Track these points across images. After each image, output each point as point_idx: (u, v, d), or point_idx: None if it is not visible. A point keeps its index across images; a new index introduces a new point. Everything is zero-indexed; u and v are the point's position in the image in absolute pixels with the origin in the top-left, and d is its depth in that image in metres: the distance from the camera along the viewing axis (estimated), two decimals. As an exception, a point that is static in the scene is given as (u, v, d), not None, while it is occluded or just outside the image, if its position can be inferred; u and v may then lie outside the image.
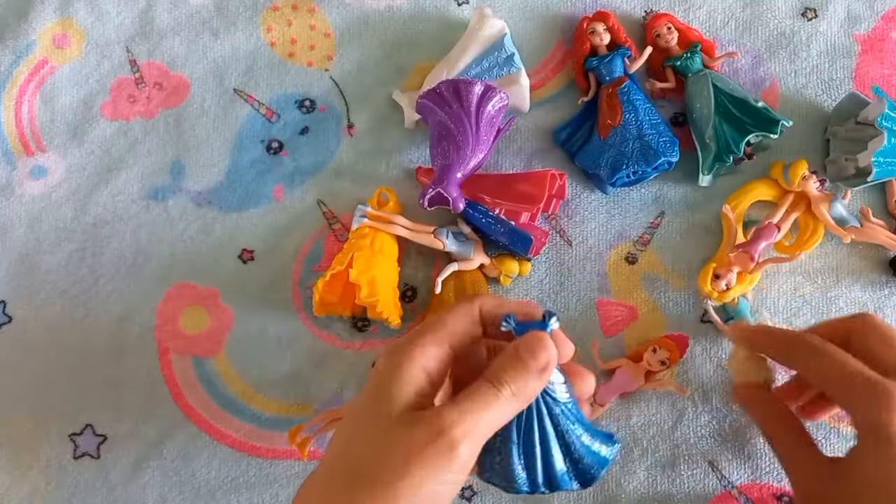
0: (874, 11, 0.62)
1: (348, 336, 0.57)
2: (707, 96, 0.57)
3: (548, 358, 0.35)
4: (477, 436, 0.34)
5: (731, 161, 0.56)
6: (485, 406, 0.34)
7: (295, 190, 0.60)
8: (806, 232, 0.57)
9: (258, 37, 0.63)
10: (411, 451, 0.33)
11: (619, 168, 0.55)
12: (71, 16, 0.64)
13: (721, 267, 0.55)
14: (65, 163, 0.61)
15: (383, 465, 0.33)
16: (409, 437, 0.33)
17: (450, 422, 0.33)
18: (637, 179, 0.57)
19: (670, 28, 0.59)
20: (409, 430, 0.34)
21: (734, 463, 0.53)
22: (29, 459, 0.55)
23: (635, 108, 0.57)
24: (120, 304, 0.58)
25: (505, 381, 0.35)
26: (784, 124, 0.55)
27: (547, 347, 0.36)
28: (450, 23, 0.63)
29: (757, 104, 0.56)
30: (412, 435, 0.33)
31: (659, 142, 0.56)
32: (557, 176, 0.56)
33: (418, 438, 0.33)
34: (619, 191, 0.58)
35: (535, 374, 0.35)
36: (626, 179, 0.57)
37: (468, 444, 0.34)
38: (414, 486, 0.33)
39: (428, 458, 0.33)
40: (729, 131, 0.56)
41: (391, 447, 0.34)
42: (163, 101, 0.62)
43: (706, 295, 0.55)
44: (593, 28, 0.59)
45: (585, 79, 0.60)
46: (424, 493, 0.33)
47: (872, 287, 0.56)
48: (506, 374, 0.35)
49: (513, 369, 0.35)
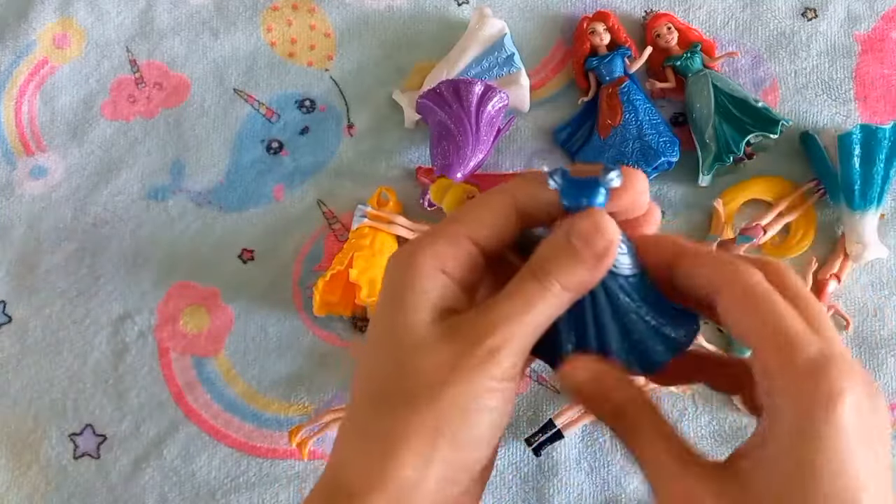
0: (874, 11, 0.62)
1: (348, 336, 0.57)
2: (707, 96, 0.57)
3: (606, 243, 0.27)
4: (521, 342, 0.28)
5: (731, 161, 0.56)
6: (528, 306, 0.28)
7: (295, 190, 0.60)
8: (795, 236, 0.57)
9: (258, 37, 0.63)
10: (442, 366, 0.27)
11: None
12: (71, 16, 0.64)
13: None
14: (65, 163, 0.61)
15: (410, 386, 0.28)
16: (438, 350, 0.28)
17: (486, 328, 0.27)
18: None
19: (670, 28, 0.59)
20: (437, 342, 0.28)
21: (734, 463, 0.53)
22: (29, 459, 0.55)
23: (635, 108, 0.57)
24: (120, 304, 0.58)
25: (552, 273, 0.28)
26: (784, 124, 0.55)
27: (604, 229, 0.27)
28: (450, 23, 0.63)
29: (757, 104, 0.56)
30: (441, 347, 0.28)
31: (659, 142, 0.56)
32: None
33: (449, 350, 0.28)
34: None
35: (591, 263, 0.28)
36: None
37: (510, 353, 0.28)
38: (447, 406, 0.27)
39: (462, 373, 0.27)
40: (729, 131, 0.56)
41: (418, 363, 0.28)
42: (163, 101, 0.62)
43: None
44: (593, 28, 0.59)
45: (585, 79, 0.60)
46: (462, 413, 0.27)
47: (872, 287, 0.56)
48: (553, 265, 0.28)
49: (562, 259, 0.28)
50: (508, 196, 0.30)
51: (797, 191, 0.57)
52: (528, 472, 0.54)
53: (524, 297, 0.28)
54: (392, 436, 0.28)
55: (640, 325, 0.30)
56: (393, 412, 0.28)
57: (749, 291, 0.27)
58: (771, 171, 0.58)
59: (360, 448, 0.29)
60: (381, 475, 0.27)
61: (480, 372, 0.27)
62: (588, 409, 0.31)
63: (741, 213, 0.58)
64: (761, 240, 0.56)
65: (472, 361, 0.27)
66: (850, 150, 0.55)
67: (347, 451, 0.30)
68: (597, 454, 0.54)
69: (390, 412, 0.28)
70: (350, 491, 0.28)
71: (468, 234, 0.30)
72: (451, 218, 0.30)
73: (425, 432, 0.27)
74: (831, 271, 0.55)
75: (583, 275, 0.28)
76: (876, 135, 0.55)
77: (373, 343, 0.31)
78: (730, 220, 0.57)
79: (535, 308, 0.28)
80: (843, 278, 0.56)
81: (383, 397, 0.29)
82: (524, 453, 0.54)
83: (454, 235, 0.30)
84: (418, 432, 0.27)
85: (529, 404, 0.55)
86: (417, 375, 0.28)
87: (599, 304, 0.29)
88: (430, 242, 0.29)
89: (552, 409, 0.55)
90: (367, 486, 0.27)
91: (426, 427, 0.27)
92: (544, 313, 0.28)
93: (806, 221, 0.57)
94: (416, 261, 0.29)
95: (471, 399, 0.28)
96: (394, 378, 0.29)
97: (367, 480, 0.27)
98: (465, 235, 0.30)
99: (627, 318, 0.30)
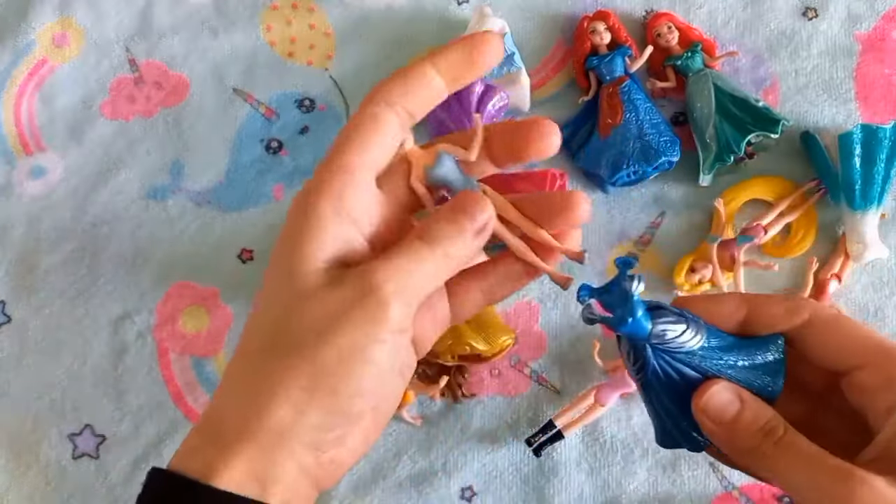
0: (875, 11, 0.61)
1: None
2: (707, 95, 0.57)
3: (485, 219, 0.31)
4: (410, 295, 0.29)
5: (731, 160, 0.56)
6: (418, 262, 0.30)
7: (295, 190, 0.59)
8: (795, 237, 0.57)
9: (258, 36, 0.63)
10: (335, 312, 0.28)
11: (620, 168, 0.55)
12: (70, 15, 0.64)
13: (699, 261, 0.55)
14: (64, 162, 0.61)
15: (295, 333, 0.29)
16: (326, 299, 0.29)
17: (379, 279, 0.28)
18: (637, 179, 0.57)
19: (671, 27, 0.59)
20: (326, 291, 0.29)
21: (735, 463, 0.53)
22: (29, 459, 0.55)
23: (636, 107, 0.57)
24: (120, 304, 0.58)
25: (439, 240, 0.30)
26: (785, 123, 0.55)
27: (484, 209, 0.31)
28: (450, 23, 0.63)
29: (758, 104, 0.56)
30: (330, 296, 0.29)
31: (660, 141, 0.55)
32: (558, 176, 0.56)
33: (338, 300, 0.28)
34: (619, 190, 0.58)
35: (471, 237, 0.30)
36: (626, 179, 0.57)
37: (400, 304, 0.29)
38: (329, 356, 0.28)
39: (355, 319, 0.28)
40: (730, 131, 0.56)
41: (305, 311, 0.29)
42: (162, 100, 0.62)
43: (677, 286, 0.55)
44: (594, 27, 0.59)
45: (586, 78, 0.60)
46: (344, 364, 0.28)
47: (872, 287, 0.56)
48: (441, 233, 0.30)
49: (448, 229, 0.30)
50: (391, 111, 0.31)
51: (798, 190, 0.57)
52: (528, 472, 0.54)
53: (416, 255, 0.30)
54: (269, 383, 0.28)
55: (743, 374, 0.32)
56: (274, 359, 0.29)
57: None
58: (771, 170, 0.58)
59: (238, 393, 0.30)
60: (255, 423, 0.28)
61: (367, 323, 0.28)
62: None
63: (742, 213, 0.58)
64: (762, 240, 0.55)
65: (359, 313, 0.28)
66: (850, 149, 0.55)
67: (226, 396, 0.30)
68: (597, 454, 0.54)
69: (272, 359, 0.29)
70: (224, 439, 0.28)
71: (367, 164, 0.31)
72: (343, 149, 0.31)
73: (303, 381, 0.28)
74: (832, 271, 0.55)
75: (464, 246, 0.30)
76: (876, 134, 0.55)
77: (266, 287, 0.31)
78: (730, 220, 0.57)
79: (424, 266, 0.30)
80: (844, 278, 0.55)
81: (269, 343, 0.29)
82: (524, 454, 0.54)
83: (353, 170, 0.30)
84: (297, 381, 0.28)
85: (529, 404, 0.55)
86: (303, 323, 0.29)
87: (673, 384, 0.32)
88: (328, 181, 0.30)
89: (552, 410, 0.55)
90: (240, 434, 0.28)
91: (304, 376, 0.28)
92: (432, 273, 0.30)
93: (807, 221, 0.57)
94: (316, 203, 0.30)
95: (355, 350, 0.28)
96: (281, 324, 0.29)
97: (240, 428, 0.28)
98: (367, 168, 0.31)
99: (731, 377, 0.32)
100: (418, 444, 0.55)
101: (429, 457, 0.55)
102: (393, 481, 0.54)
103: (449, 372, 0.54)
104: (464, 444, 0.55)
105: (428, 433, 0.55)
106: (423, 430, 0.55)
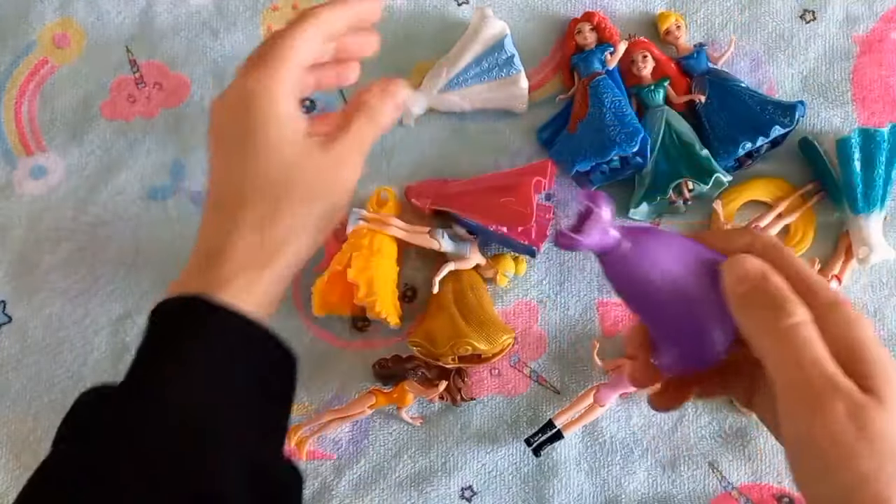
0: (873, 12, 0.62)
1: (347, 336, 0.57)
2: (657, 132, 0.57)
3: (402, 96, 0.41)
4: (362, 156, 0.39)
5: (660, 200, 0.56)
6: (373, 128, 0.40)
7: (295, 190, 0.59)
8: (794, 237, 0.57)
9: (258, 36, 0.63)
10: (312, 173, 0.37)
11: (577, 160, 0.55)
12: (71, 15, 0.64)
13: None
14: (64, 163, 0.61)
15: (278, 188, 0.37)
16: (310, 161, 0.37)
17: (350, 148, 0.39)
18: (612, 175, 0.57)
19: (646, 56, 0.58)
20: (308, 155, 0.37)
21: (734, 464, 0.54)
22: (29, 459, 0.55)
23: (601, 101, 0.57)
24: (120, 304, 0.58)
25: (376, 110, 0.40)
26: (720, 177, 0.55)
27: (399, 89, 0.41)
28: (450, 23, 0.63)
29: (701, 152, 0.56)
30: (312, 160, 0.37)
31: (619, 133, 0.55)
32: (543, 183, 0.55)
33: (320, 164, 0.37)
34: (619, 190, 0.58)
35: (393, 109, 0.41)
36: (601, 179, 0.58)
37: (357, 150, 0.39)
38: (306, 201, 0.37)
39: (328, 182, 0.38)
40: (663, 171, 0.56)
41: (291, 167, 0.37)
42: (162, 100, 0.62)
43: None
44: (579, 28, 0.60)
45: (572, 78, 0.60)
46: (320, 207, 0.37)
47: (872, 287, 0.57)
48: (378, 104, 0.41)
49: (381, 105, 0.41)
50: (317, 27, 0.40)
51: (796, 192, 0.57)
52: (527, 472, 0.54)
53: (368, 128, 0.40)
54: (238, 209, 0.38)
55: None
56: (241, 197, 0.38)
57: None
58: (771, 172, 0.58)
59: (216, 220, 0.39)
60: (229, 242, 0.37)
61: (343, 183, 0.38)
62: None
63: (740, 214, 0.58)
64: None
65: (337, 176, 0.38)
66: (849, 154, 0.55)
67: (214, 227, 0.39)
68: (597, 454, 0.54)
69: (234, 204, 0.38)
70: (208, 254, 0.38)
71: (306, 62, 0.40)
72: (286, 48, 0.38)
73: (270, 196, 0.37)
74: (832, 272, 0.55)
75: (389, 116, 0.41)
76: (875, 138, 0.55)
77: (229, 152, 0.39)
78: (729, 221, 0.57)
79: (372, 136, 0.40)
80: (844, 279, 0.56)
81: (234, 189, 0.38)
82: (524, 453, 0.54)
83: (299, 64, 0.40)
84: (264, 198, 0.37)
85: (529, 404, 0.55)
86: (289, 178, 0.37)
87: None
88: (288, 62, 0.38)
89: (552, 410, 0.55)
90: (221, 249, 0.37)
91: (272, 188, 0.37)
92: (374, 137, 0.40)
93: (805, 223, 0.57)
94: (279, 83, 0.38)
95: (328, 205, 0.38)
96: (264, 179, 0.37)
97: (220, 246, 0.37)
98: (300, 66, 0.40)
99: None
100: (418, 443, 0.55)
101: (429, 456, 0.55)
102: (393, 481, 0.55)
103: (448, 376, 0.54)
104: (463, 443, 0.55)
105: (428, 433, 0.55)
106: (423, 429, 0.55)
